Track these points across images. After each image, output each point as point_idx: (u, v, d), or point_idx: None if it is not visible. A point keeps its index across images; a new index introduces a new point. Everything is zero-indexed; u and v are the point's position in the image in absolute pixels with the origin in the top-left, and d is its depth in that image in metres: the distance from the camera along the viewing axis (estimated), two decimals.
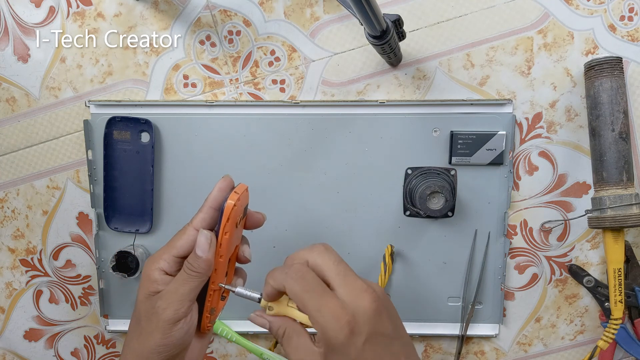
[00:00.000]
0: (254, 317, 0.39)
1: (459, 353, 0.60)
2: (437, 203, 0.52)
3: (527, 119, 0.57)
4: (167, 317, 0.37)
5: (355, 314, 0.34)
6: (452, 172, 0.54)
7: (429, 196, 0.52)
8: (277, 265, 0.44)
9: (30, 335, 0.64)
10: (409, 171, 0.56)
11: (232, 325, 0.61)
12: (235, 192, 0.38)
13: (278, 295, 0.38)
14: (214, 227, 0.40)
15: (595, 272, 0.59)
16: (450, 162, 0.56)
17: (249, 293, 0.40)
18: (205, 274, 0.38)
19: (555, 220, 0.59)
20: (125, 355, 0.40)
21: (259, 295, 0.39)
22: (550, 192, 0.58)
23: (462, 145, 0.56)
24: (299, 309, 0.36)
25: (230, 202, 0.37)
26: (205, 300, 0.40)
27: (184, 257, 0.40)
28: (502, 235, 0.58)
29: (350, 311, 0.34)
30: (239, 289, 0.40)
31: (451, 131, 0.56)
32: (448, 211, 0.53)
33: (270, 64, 0.58)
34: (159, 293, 0.38)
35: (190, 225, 0.40)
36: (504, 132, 0.55)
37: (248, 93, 0.58)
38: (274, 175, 0.58)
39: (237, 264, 0.43)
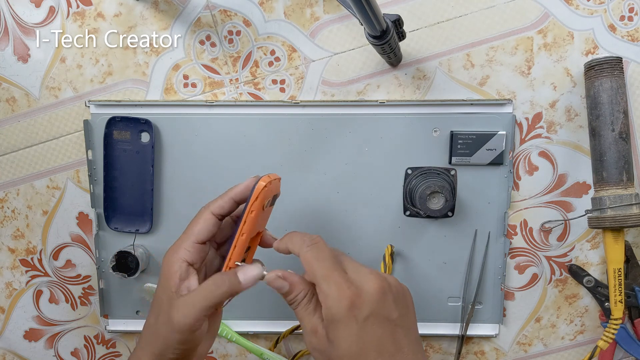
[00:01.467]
0: (273, 278, 0.39)
1: (459, 353, 0.60)
2: (437, 203, 0.52)
3: (527, 119, 0.57)
4: (184, 328, 0.37)
5: (359, 291, 0.35)
6: (452, 172, 0.54)
7: (429, 196, 0.52)
8: (276, 264, 0.44)
9: (30, 335, 0.64)
10: (409, 171, 0.56)
11: (232, 325, 0.61)
12: (268, 175, 0.39)
13: (287, 254, 0.40)
14: (228, 217, 0.41)
15: (595, 272, 0.59)
16: (450, 162, 0.56)
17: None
18: (232, 296, 0.38)
19: (555, 220, 0.59)
20: (137, 351, 0.40)
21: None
22: (550, 192, 0.58)
23: (462, 145, 0.56)
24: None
25: (262, 183, 0.38)
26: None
27: (204, 243, 0.40)
28: (502, 235, 0.58)
29: (355, 287, 0.35)
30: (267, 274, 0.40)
31: (451, 131, 0.56)
32: (448, 211, 0.53)
33: (270, 64, 0.58)
34: (180, 297, 0.38)
35: (207, 210, 0.40)
36: (504, 132, 0.55)
37: (248, 93, 0.58)
38: None
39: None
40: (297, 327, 0.59)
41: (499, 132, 0.55)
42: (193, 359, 0.41)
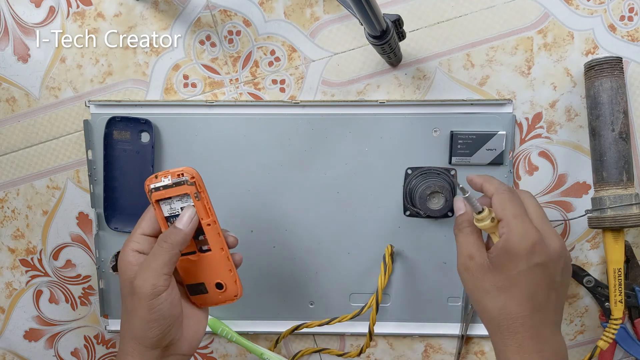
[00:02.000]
0: (459, 201, 0.45)
1: (459, 353, 0.60)
2: (437, 203, 0.52)
3: (527, 119, 0.57)
4: (146, 292, 0.38)
5: (542, 241, 0.39)
6: (452, 172, 0.54)
7: (429, 196, 0.52)
8: (276, 263, 0.44)
9: (30, 335, 0.64)
10: (409, 171, 0.56)
11: (232, 325, 0.61)
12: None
13: (477, 190, 0.45)
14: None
15: (595, 272, 0.59)
16: (450, 162, 0.56)
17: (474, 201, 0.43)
18: (179, 247, 0.40)
19: (556, 220, 0.59)
20: (122, 345, 0.41)
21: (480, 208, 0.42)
22: (550, 192, 0.58)
23: (462, 145, 0.56)
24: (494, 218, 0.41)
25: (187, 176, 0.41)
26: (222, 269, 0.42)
27: (151, 235, 0.42)
28: None
29: (540, 235, 0.39)
30: (470, 194, 0.42)
31: (451, 131, 0.56)
32: (448, 211, 0.53)
33: (270, 64, 0.58)
34: (136, 272, 0.40)
35: (174, 247, 0.41)
36: (504, 132, 0.55)
37: (248, 93, 0.58)
38: (274, 175, 0.58)
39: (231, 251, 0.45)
40: (297, 327, 0.59)
41: (499, 132, 0.55)
42: (181, 341, 0.42)
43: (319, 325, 0.58)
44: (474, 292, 0.41)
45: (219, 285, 0.42)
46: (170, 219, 0.42)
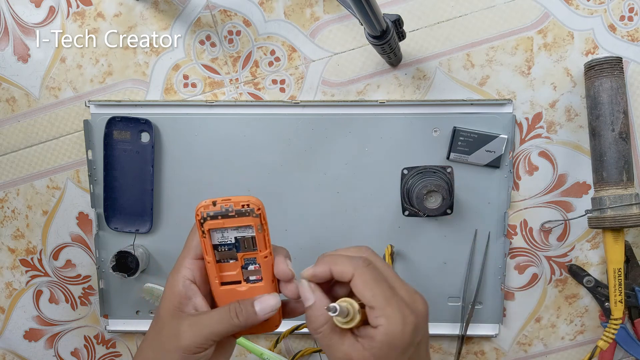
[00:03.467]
0: (305, 287, 0.36)
1: (459, 353, 0.60)
2: (434, 202, 0.52)
3: (527, 119, 0.57)
4: (189, 347, 0.35)
5: (418, 315, 0.35)
6: (449, 170, 0.54)
7: (425, 195, 0.52)
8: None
9: (30, 335, 0.64)
10: (405, 171, 0.56)
11: None
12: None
13: (325, 281, 0.37)
14: None
15: (595, 272, 0.59)
16: (448, 158, 0.56)
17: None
18: (244, 328, 0.36)
19: (555, 220, 0.59)
20: (141, 353, 0.38)
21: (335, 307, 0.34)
22: (550, 192, 0.58)
23: (463, 142, 0.56)
24: (360, 303, 0.35)
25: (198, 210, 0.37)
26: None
27: (201, 258, 0.38)
28: (502, 235, 0.58)
29: (415, 312, 0.34)
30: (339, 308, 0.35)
31: (454, 127, 0.56)
32: (446, 209, 0.53)
33: (270, 64, 0.58)
34: (190, 318, 0.36)
35: (240, 324, 0.37)
36: (506, 137, 0.55)
37: (248, 93, 0.58)
38: (274, 175, 0.58)
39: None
40: (298, 327, 0.59)
41: (501, 136, 0.55)
42: None
43: (317, 351, 0.59)
44: None
45: None
46: (219, 248, 0.37)
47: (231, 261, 0.38)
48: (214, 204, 0.37)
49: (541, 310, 0.60)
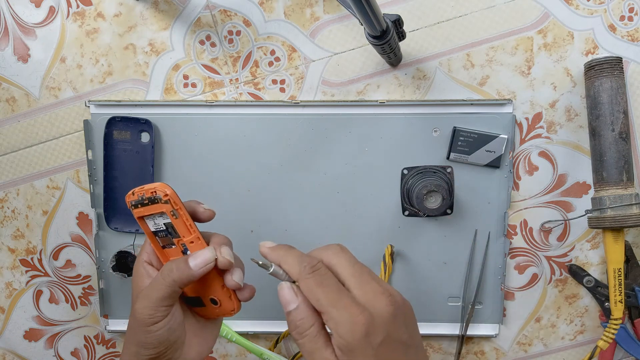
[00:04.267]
0: (285, 290, 0.35)
1: (459, 353, 0.60)
2: (434, 202, 0.52)
3: (527, 119, 0.57)
4: (143, 319, 0.37)
5: (372, 315, 0.32)
6: (449, 170, 0.54)
7: (425, 195, 0.52)
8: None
9: (30, 335, 0.64)
10: (405, 171, 0.56)
11: (232, 325, 0.61)
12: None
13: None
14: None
15: (595, 272, 0.59)
16: (448, 158, 0.56)
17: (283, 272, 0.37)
18: (183, 285, 0.37)
19: (556, 220, 0.59)
20: (124, 347, 0.40)
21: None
22: (550, 192, 0.58)
23: (463, 142, 0.56)
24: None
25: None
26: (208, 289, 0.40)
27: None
28: (502, 235, 0.58)
29: (367, 312, 0.32)
30: (274, 268, 0.36)
31: (454, 127, 0.56)
32: (446, 209, 0.53)
33: (270, 64, 0.58)
34: (139, 293, 0.39)
35: (176, 284, 0.38)
36: (506, 137, 0.55)
37: (248, 93, 0.58)
38: (274, 175, 0.58)
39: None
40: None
41: (501, 135, 0.55)
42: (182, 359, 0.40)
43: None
44: None
45: (214, 301, 0.40)
46: (158, 234, 0.40)
47: (173, 247, 0.40)
48: (133, 193, 0.39)
49: (541, 310, 0.60)
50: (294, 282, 0.35)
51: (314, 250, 0.37)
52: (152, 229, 0.40)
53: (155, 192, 0.38)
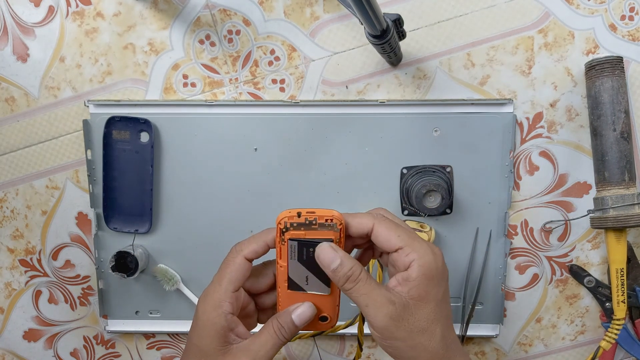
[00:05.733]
0: (326, 249, 0.36)
1: None
2: (433, 201, 0.52)
3: (527, 118, 0.57)
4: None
5: (440, 253, 0.37)
6: (448, 170, 0.54)
7: (424, 195, 0.52)
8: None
9: (30, 336, 0.63)
10: (405, 171, 0.56)
11: None
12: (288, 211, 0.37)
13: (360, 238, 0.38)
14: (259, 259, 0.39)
15: (596, 272, 0.59)
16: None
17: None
18: (290, 338, 0.38)
19: (557, 221, 0.58)
20: None
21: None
22: (551, 192, 0.58)
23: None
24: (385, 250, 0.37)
25: (279, 221, 0.37)
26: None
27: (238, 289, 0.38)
28: (502, 236, 0.58)
29: (437, 249, 0.36)
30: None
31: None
32: (445, 209, 0.53)
33: (270, 63, 0.58)
34: (243, 347, 0.37)
35: (239, 254, 0.38)
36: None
37: (248, 93, 0.58)
38: (274, 175, 0.58)
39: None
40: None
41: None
42: None
43: (313, 336, 0.58)
44: (408, 340, 0.35)
45: (323, 318, 0.40)
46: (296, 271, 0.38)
47: (301, 291, 0.39)
48: (299, 215, 0.37)
49: (542, 311, 0.60)
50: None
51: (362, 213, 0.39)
52: (296, 259, 0.38)
53: (332, 219, 0.36)
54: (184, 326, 0.61)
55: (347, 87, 0.55)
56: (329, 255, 0.35)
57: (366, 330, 0.55)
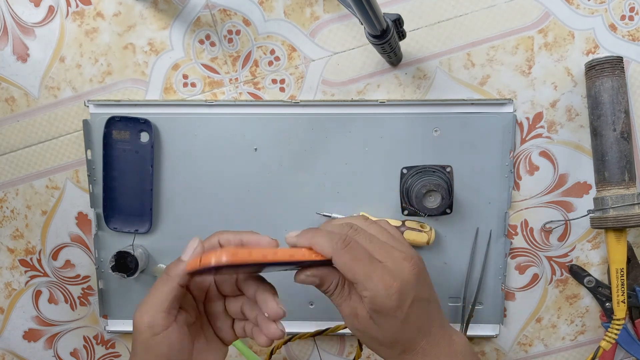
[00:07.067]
0: (304, 277, 0.38)
1: None
2: (433, 201, 0.52)
3: (527, 118, 0.57)
4: (143, 327, 0.36)
5: (402, 282, 0.36)
6: (448, 170, 0.54)
7: (424, 195, 0.52)
8: None
9: (30, 336, 0.63)
10: (405, 170, 0.56)
11: None
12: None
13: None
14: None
15: (596, 272, 0.59)
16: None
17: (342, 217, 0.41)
18: (182, 280, 0.37)
19: (557, 221, 0.58)
20: None
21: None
22: (551, 192, 0.58)
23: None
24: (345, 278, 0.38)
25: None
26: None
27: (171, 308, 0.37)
28: (502, 236, 0.58)
29: (399, 280, 0.36)
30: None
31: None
32: (445, 209, 0.53)
33: (270, 63, 0.58)
34: (140, 307, 0.37)
35: (173, 279, 0.37)
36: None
37: (248, 93, 0.58)
38: (274, 175, 0.58)
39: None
40: (290, 339, 0.59)
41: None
42: None
43: (312, 336, 0.59)
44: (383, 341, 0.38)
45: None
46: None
47: None
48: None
49: (542, 311, 0.60)
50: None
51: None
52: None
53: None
54: None
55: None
56: (309, 281, 0.38)
57: None
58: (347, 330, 0.60)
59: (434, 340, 0.39)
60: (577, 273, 0.59)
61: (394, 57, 0.54)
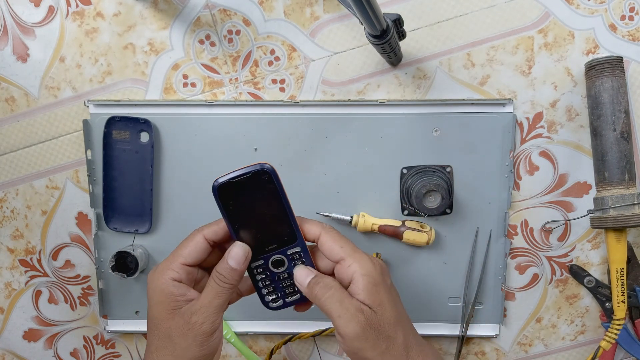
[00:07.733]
0: (301, 269, 0.40)
1: (459, 353, 0.60)
2: (433, 201, 0.52)
3: (527, 118, 0.57)
4: (205, 330, 0.37)
5: (380, 263, 0.40)
6: (448, 170, 0.54)
7: (424, 195, 0.52)
8: None
9: (30, 336, 0.63)
10: (405, 170, 0.56)
11: (233, 325, 0.60)
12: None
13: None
14: (224, 242, 0.40)
15: (596, 272, 0.59)
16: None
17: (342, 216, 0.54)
18: (236, 286, 0.39)
19: (557, 221, 0.58)
20: None
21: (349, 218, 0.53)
22: (551, 192, 0.58)
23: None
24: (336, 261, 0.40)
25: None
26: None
27: (192, 266, 0.39)
28: (502, 236, 0.58)
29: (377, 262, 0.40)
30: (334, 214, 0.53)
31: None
32: (445, 209, 0.53)
33: (270, 63, 0.58)
34: (191, 307, 0.38)
35: (199, 233, 0.39)
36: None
37: (248, 93, 0.58)
38: None
39: None
40: (290, 339, 0.59)
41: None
42: None
43: (312, 336, 0.59)
44: (376, 348, 0.37)
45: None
46: None
47: None
48: None
49: (542, 311, 0.60)
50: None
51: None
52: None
53: None
54: None
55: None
56: (303, 273, 0.40)
57: None
58: None
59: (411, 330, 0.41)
60: (577, 273, 0.59)
61: (394, 57, 0.54)
